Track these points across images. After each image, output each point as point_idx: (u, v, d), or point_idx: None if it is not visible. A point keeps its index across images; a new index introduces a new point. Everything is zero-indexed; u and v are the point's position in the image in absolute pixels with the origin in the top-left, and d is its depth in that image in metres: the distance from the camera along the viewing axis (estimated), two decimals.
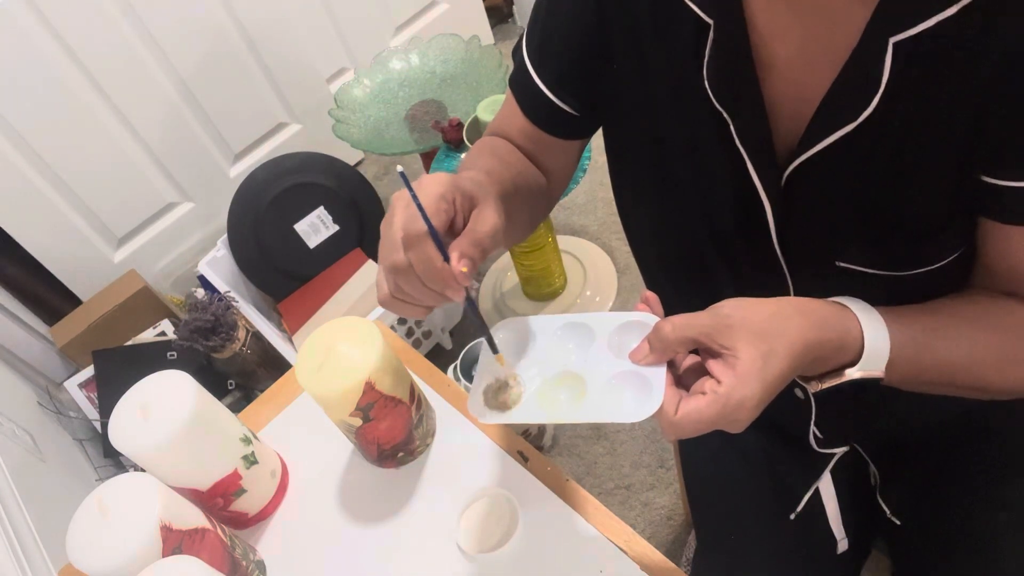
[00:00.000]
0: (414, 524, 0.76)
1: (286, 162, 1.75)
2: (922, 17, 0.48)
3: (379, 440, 0.76)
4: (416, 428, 0.78)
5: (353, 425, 0.73)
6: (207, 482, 0.73)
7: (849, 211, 0.59)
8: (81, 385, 1.70)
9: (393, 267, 0.53)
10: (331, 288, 1.69)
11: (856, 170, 0.56)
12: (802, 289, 0.65)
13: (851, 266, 0.61)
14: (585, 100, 0.70)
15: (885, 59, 0.50)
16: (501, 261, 2.00)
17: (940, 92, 0.51)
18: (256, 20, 1.84)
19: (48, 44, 1.55)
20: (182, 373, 0.73)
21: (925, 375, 0.58)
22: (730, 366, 0.50)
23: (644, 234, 0.77)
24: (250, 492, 0.77)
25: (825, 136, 0.55)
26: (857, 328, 0.55)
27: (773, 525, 0.79)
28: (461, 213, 0.55)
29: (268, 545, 0.78)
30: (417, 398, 0.78)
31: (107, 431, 0.70)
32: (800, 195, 0.59)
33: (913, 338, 0.56)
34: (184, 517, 0.66)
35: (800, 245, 0.62)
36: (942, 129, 0.52)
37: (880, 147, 0.54)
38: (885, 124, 0.53)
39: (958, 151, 0.52)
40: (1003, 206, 0.54)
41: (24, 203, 1.65)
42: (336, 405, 0.71)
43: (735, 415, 0.50)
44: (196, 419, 0.69)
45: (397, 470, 0.81)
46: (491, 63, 1.83)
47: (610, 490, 1.52)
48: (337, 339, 0.72)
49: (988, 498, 0.72)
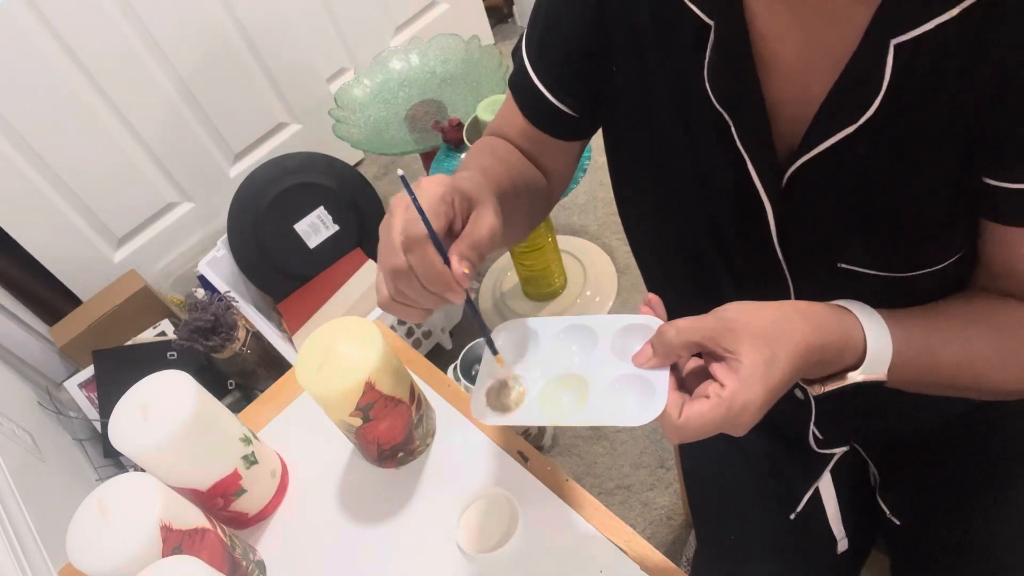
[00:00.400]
0: (414, 524, 0.76)
1: (286, 162, 1.75)
2: (924, 19, 0.48)
3: (379, 440, 0.76)
4: (416, 428, 0.78)
5: (353, 425, 0.73)
6: (207, 482, 0.73)
7: (850, 213, 0.59)
8: (81, 385, 1.71)
9: (393, 271, 0.53)
10: (331, 288, 1.69)
11: (857, 171, 0.56)
12: (802, 290, 0.65)
13: (852, 267, 0.61)
14: (584, 101, 0.70)
15: (887, 60, 0.50)
16: (501, 261, 2.00)
17: (941, 94, 0.50)
18: (256, 20, 1.84)
19: (48, 44, 1.55)
20: (182, 373, 0.73)
21: (927, 377, 0.58)
22: (733, 370, 0.50)
23: (644, 234, 0.77)
24: (250, 492, 0.77)
25: (827, 137, 0.55)
26: (859, 332, 0.55)
27: (773, 525, 0.79)
28: (460, 215, 0.55)
29: (268, 545, 0.78)
30: (417, 398, 0.78)
31: (107, 431, 0.70)
32: (801, 196, 0.59)
33: (914, 341, 0.57)
34: (184, 517, 0.66)
35: (801, 247, 0.62)
36: (943, 131, 0.52)
37: (881, 149, 0.54)
38: (886, 125, 0.53)
39: (959, 153, 0.52)
40: (1003, 208, 0.54)
41: (24, 203, 1.65)
42: (336, 405, 0.71)
43: (739, 419, 0.50)
44: (196, 419, 0.69)
45: (397, 470, 0.81)
46: (491, 63, 1.83)
47: (610, 490, 1.52)
48: (337, 339, 0.72)
49: (988, 498, 0.72)
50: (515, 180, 0.69)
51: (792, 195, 0.59)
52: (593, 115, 0.71)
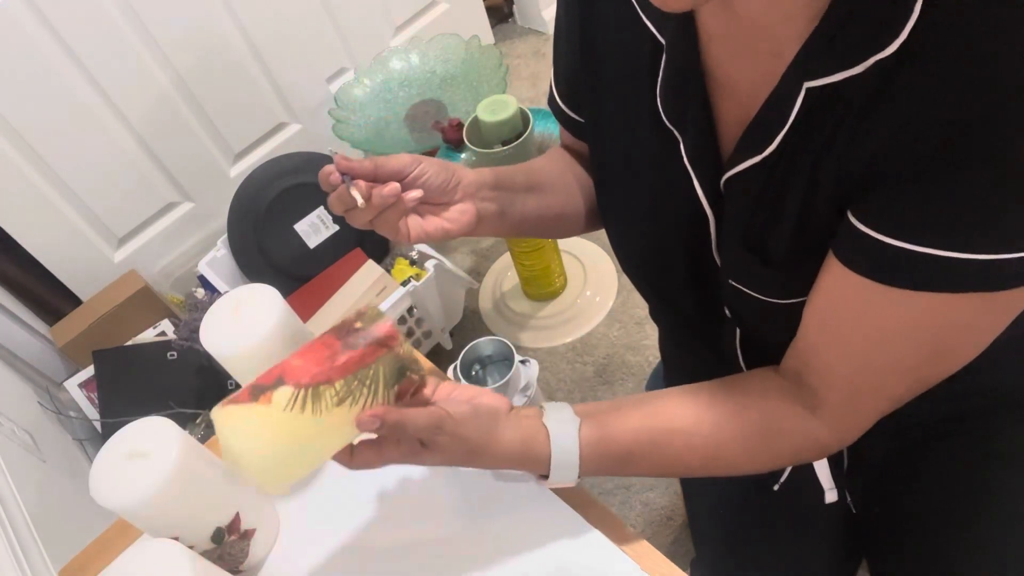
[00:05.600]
0: (414, 524, 0.76)
1: (286, 162, 1.75)
2: (835, 69, 0.48)
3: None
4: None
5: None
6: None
7: (737, 236, 0.61)
8: (81, 385, 1.70)
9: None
10: (331, 288, 1.69)
11: (750, 199, 0.58)
12: (729, 300, 0.68)
13: (738, 286, 0.64)
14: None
15: (796, 101, 0.51)
16: (501, 261, 2.00)
17: (834, 143, 0.51)
18: (256, 20, 1.84)
19: (48, 44, 1.55)
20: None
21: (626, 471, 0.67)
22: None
23: (614, 237, 0.80)
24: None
25: (740, 163, 0.57)
26: (545, 450, 0.64)
27: (759, 498, 0.82)
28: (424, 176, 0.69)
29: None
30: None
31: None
32: (726, 211, 0.62)
33: (606, 461, 0.66)
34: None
35: (727, 259, 0.65)
36: (829, 178, 0.52)
37: (771, 183, 0.56)
38: (780, 162, 0.54)
39: (840, 200, 0.53)
40: (848, 245, 0.53)
41: (24, 203, 1.65)
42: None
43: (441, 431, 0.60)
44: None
45: (397, 470, 0.80)
46: (491, 63, 1.83)
47: (610, 490, 1.52)
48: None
49: (954, 491, 0.73)
50: (540, 177, 0.80)
51: (723, 209, 0.62)
52: None
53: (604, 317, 1.81)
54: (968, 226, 0.47)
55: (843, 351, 0.58)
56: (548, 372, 1.75)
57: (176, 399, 1.56)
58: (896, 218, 0.49)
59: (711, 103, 0.59)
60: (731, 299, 0.67)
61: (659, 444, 0.65)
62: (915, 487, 0.75)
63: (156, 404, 1.54)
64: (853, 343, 0.57)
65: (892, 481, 0.78)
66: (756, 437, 0.64)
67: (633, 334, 1.76)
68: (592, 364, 1.73)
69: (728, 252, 0.64)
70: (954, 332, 0.53)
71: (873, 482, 0.80)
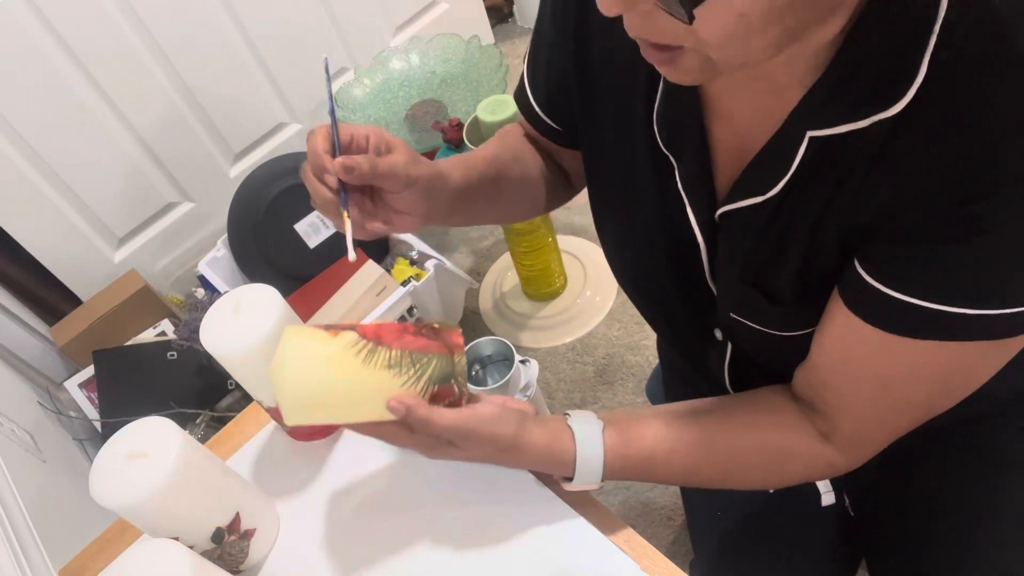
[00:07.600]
0: (414, 524, 0.76)
1: (286, 162, 1.75)
2: (839, 121, 0.48)
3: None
4: None
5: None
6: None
7: (736, 272, 0.62)
8: (81, 385, 1.71)
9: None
10: (331, 288, 1.69)
11: (750, 237, 0.58)
12: (723, 322, 0.69)
13: (739, 319, 0.65)
14: (567, 125, 0.74)
15: (800, 148, 0.51)
16: (501, 261, 2.00)
17: (838, 191, 0.51)
18: (256, 20, 1.84)
19: (48, 44, 1.55)
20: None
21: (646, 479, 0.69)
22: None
23: (608, 255, 0.80)
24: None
25: (741, 199, 0.57)
26: (571, 453, 0.66)
27: (757, 499, 0.83)
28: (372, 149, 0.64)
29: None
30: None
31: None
32: (722, 242, 0.62)
33: (628, 464, 0.67)
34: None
35: (723, 287, 0.65)
36: (834, 226, 0.53)
37: (773, 224, 0.56)
38: (782, 205, 0.55)
39: (845, 248, 0.54)
40: (854, 292, 0.54)
41: (24, 203, 1.65)
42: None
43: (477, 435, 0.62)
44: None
45: (397, 470, 0.80)
46: (491, 63, 1.83)
47: (610, 490, 1.52)
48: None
49: (945, 500, 0.74)
50: (499, 162, 0.76)
51: (717, 239, 0.62)
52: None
53: (604, 317, 1.81)
54: (974, 287, 0.48)
55: (853, 389, 0.59)
56: (548, 372, 1.75)
57: (176, 399, 1.56)
58: (900, 273, 0.50)
59: (707, 130, 0.59)
60: (729, 327, 0.68)
61: (679, 453, 0.66)
62: (913, 491, 0.76)
63: (156, 404, 1.54)
64: (863, 383, 0.58)
65: (890, 484, 0.78)
66: (772, 456, 0.65)
67: (633, 334, 1.76)
68: (592, 364, 1.73)
69: (725, 284, 0.64)
70: (961, 373, 0.55)
71: (871, 485, 0.80)
